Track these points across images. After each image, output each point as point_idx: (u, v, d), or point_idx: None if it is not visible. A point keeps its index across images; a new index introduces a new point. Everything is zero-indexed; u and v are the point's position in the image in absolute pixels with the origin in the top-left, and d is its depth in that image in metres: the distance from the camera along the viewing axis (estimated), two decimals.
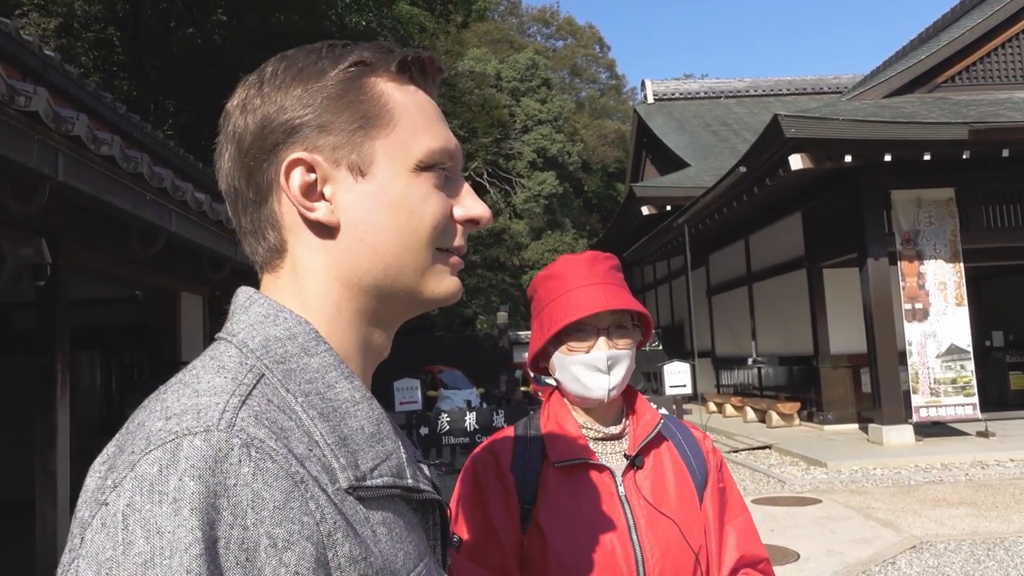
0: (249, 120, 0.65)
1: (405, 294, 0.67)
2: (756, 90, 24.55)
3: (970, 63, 11.67)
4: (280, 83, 0.65)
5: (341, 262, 0.65)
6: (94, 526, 0.50)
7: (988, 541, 5.67)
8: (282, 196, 0.65)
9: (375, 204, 0.64)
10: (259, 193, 0.66)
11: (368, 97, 0.65)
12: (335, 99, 0.64)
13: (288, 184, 0.64)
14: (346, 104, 0.65)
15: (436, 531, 0.68)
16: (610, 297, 1.27)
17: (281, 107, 0.64)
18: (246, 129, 0.65)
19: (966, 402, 9.92)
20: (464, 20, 17.42)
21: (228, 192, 0.68)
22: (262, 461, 0.52)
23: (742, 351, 15.72)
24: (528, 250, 32.25)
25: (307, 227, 0.65)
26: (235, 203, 0.67)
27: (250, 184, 0.66)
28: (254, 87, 0.66)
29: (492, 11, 35.35)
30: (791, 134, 9.31)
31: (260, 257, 0.68)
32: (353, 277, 0.65)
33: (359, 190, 0.64)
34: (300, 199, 0.63)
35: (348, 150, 0.64)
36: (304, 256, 0.65)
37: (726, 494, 1.37)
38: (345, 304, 0.65)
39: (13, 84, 2.80)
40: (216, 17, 14.33)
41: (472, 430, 9.13)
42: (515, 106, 33.51)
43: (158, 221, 4.24)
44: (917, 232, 10.13)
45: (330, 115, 0.64)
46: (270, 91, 0.65)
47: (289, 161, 0.63)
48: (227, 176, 0.67)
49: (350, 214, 0.64)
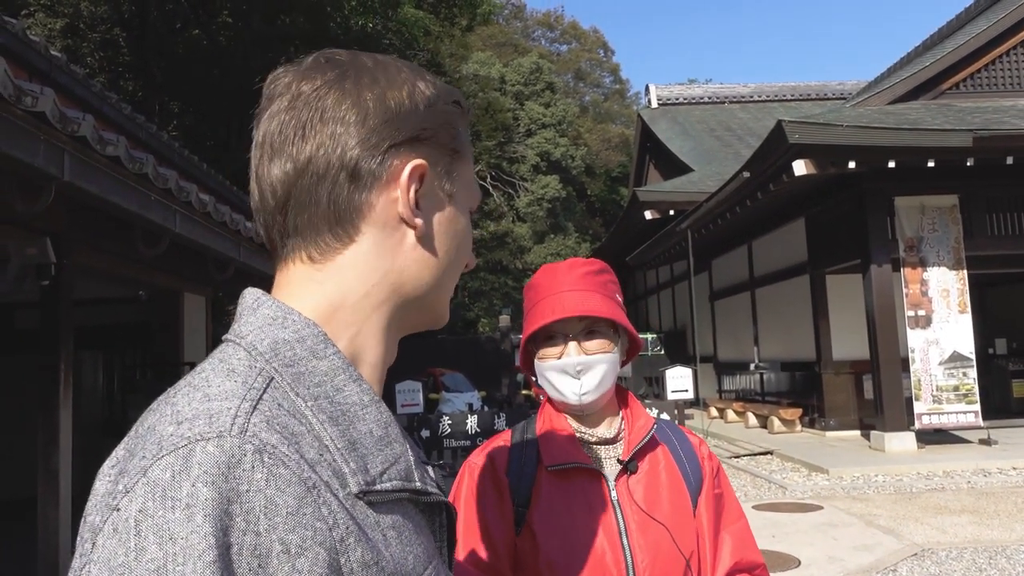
0: (362, 109, 0.65)
1: (428, 310, 0.72)
2: (760, 95, 24.57)
3: (975, 70, 11.67)
4: (390, 84, 0.67)
5: (404, 268, 0.67)
6: (106, 531, 0.50)
7: (990, 549, 5.65)
8: (383, 192, 0.66)
9: (450, 229, 0.70)
10: (358, 181, 0.65)
11: (459, 135, 0.72)
12: (445, 127, 0.70)
13: (408, 185, 0.66)
14: (451, 136, 0.71)
15: (443, 533, 0.69)
16: (577, 303, 1.28)
17: (415, 107, 0.67)
18: (362, 116, 0.65)
19: (968, 410, 9.90)
20: (469, 24, 17.45)
21: (311, 168, 0.65)
22: (275, 467, 0.53)
23: (744, 356, 15.70)
24: (531, 253, 32.27)
25: (392, 228, 0.66)
26: (325, 174, 0.65)
27: (355, 167, 0.64)
28: (357, 77, 0.66)
29: (497, 15, 35.39)
30: (795, 140, 9.31)
31: (313, 244, 0.65)
32: (407, 285, 0.68)
33: (445, 213, 0.70)
34: (412, 203, 0.66)
35: (447, 176, 0.70)
36: (372, 252, 0.66)
37: (722, 500, 1.37)
38: (384, 306, 0.67)
39: (20, 84, 2.81)
40: (222, 19, 14.37)
41: (473, 433, 9.13)
42: (519, 110, 33.56)
43: (163, 222, 4.25)
44: (921, 239, 10.12)
45: (446, 138, 0.70)
46: (385, 90, 0.67)
47: (415, 165, 0.66)
48: (317, 152, 0.64)
49: (432, 230, 0.69)
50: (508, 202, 32.19)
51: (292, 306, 0.64)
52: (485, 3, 16.59)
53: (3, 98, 2.67)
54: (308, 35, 12.75)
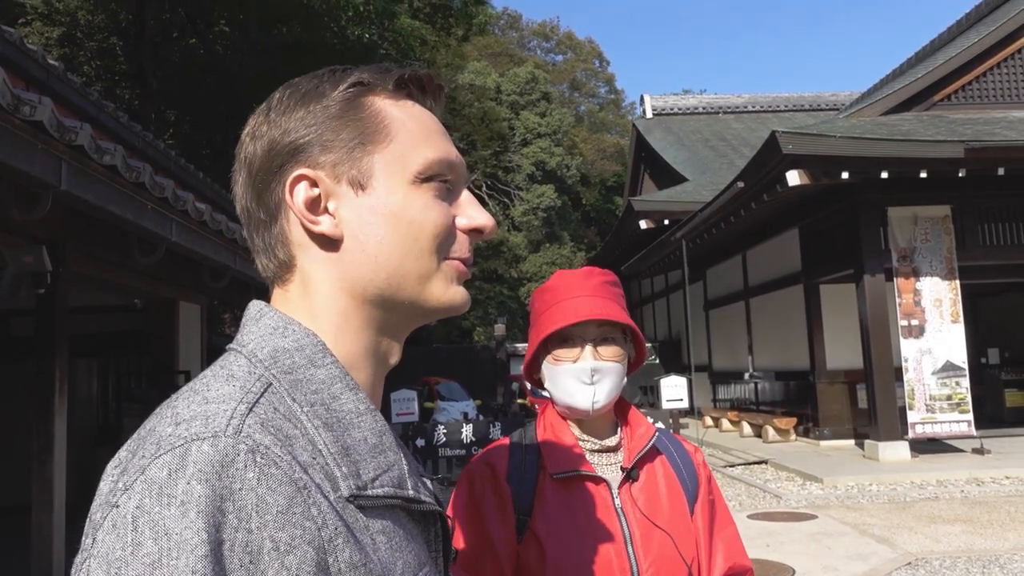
0: (257, 146, 0.69)
1: (409, 303, 0.69)
2: (754, 106, 24.69)
3: (966, 82, 11.76)
4: (285, 108, 0.69)
5: (346, 273, 0.67)
6: (105, 527, 0.52)
7: (983, 558, 5.66)
8: (290, 214, 0.68)
9: (376, 216, 0.66)
10: (269, 213, 0.69)
11: (366, 115, 0.68)
12: (334, 118, 0.67)
13: (293, 199, 0.66)
14: (345, 123, 0.67)
15: (438, 542, 0.70)
16: (596, 308, 1.29)
17: (285, 130, 0.68)
18: (255, 154, 0.69)
19: (961, 419, 9.93)
20: (465, 34, 17.50)
21: (242, 214, 0.71)
22: (267, 467, 0.54)
23: (739, 366, 15.72)
24: (526, 262, 32.26)
25: (313, 241, 0.67)
26: (248, 224, 0.70)
27: (260, 205, 0.69)
28: (262, 115, 0.70)
29: (493, 25, 35.52)
30: (789, 150, 9.37)
31: (271, 273, 0.70)
32: (358, 287, 0.67)
33: (360, 204, 0.67)
34: (305, 213, 0.66)
35: (348, 166, 0.67)
36: (312, 269, 0.68)
37: (715, 507, 1.39)
38: (352, 314, 0.68)
39: (18, 93, 2.82)
40: (219, 28, 14.40)
41: (469, 442, 9.12)
42: (514, 119, 33.61)
43: (159, 230, 4.27)
44: (913, 249, 10.17)
45: (330, 133, 0.67)
46: (276, 116, 0.69)
47: (293, 177, 0.66)
48: (241, 199, 0.71)
49: (352, 227, 0.66)
50: (503, 211, 32.21)
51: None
52: (481, 13, 16.66)
53: (1, 107, 2.69)
54: (305, 44, 12.78)
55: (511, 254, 31.85)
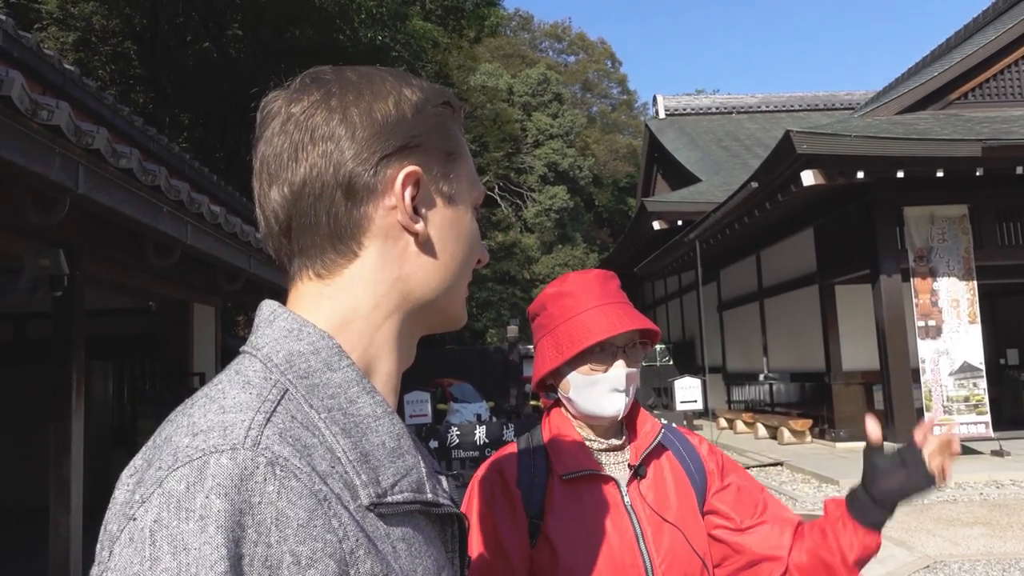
0: (350, 124, 0.66)
1: (442, 312, 0.72)
2: (768, 106, 24.56)
3: (983, 80, 11.65)
4: (376, 96, 0.67)
5: (411, 274, 0.68)
6: (122, 540, 0.51)
7: (1003, 562, 5.60)
8: (380, 203, 0.66)
9: (454, 231, 0.71)
10: (354, 196, 0.66)
11: (453, 135, 0.72)
12: (436, 130, 0.70)
13: (403, 193, 0.66)
14: (444, 137, 0.71)
15: (454, 544, 0.69)
16: (631, 317, 1.29)
17: (402, 117, 0.67)
18: (351, 132, 0.66)
19: (979, 420, 9.83)
20: (477, 36, 17.54)
21: (307, 190, 0.66)
22: (286, 479, 0.53)
23: (753, 367, 15.64)
24: (538, 264, 32.27)
25: (394, 237, 0.67)
26: (315, 203, 0.66)
27: (349, 184, 0.65)
28: (343, 93, 0.67)
29: (504, 27, 35.57)
30: (803, 150, 9.30)
31: (319, 262, 0.67)
32: (416, 291, 0.69)
33: (445, 215, 0.70)
34: (410, 210, 0.67)
35: (442, 178, 0.70)
36: (379, 263, 0.67)
37: (742, 486, 1.40)
38: (395, 314, 0.68)
39: (36, 98, 2.85)
40: (232, 31, 14.49)
41: (482, 444, 9.12)
42: (527, 120, 33.64)
43: (174, 233, 4.29)
44: (930, 249, 10.08)
45: (436, 142, 0.70)
46: (371, 103, 0.67)
47: (408, 172, 0.67)
48: (310, 172, 0.66)
49: (436, 233, 0.69)
50: (516, 213, 32.23)
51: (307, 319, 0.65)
52: (493, 15, 16.68)
53: (20, 112, 2.71)
54: (317, 47, 12.83)
55: (524, 256, 31.86)
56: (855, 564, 1.26)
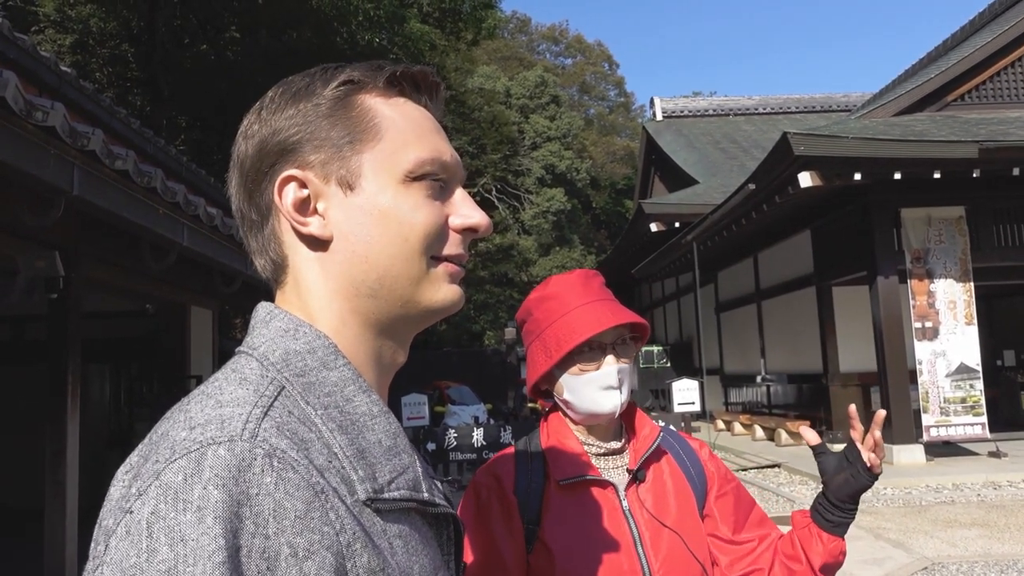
0: (249, 145, 0.68)
1: (402, 304, 0.67)
2: (765, 108, 24.61)
3: (980, 82, 11.68)
4: (276, 107, 0.68)
5: (337, 274, 0.66)
6: (119, 533, 0.51)
7: (1001, 563, 5.60)
8: (278, 216, 0.67)
9: (365, 216, 0.65)
10: (261, 214, 0.68)
11: (356, 113, 0.67)
12: (324, 117, 0.66)
13: (281, 201, 0.66)
14: (334, 121, 0.66)
15: (450, 545, 0.69)
16: (616, 312, 1.28)
17: (275, 129, 0.67)
18: (246, 154, 0.68)
19: (975, 421, 9.84)
20: (474, 38, 17.52)
21: (236, 215, 0.71)
22: (284, 471, 0.53)
23: (751, 369, 15.64)
24: (536, 266, 32.25)
25: (303, 242, 0.67)
26: (243, 224, 0.70)
27: (252, 205, 0.69)
28: (255, 114, 0.69)
29: (502, 29, 35.60)
30: (800, 152, 9.31)
31: (268, 274, 0.70)
32: (351, 289, 0.66)
33: (349, 203, 0.66)
34: (293, 214, 0.65)
35: (337, 165, 0.66)
36: (304, 270, 0.67)
37: (740, 498, 1.41)
38: (348, 316, 0.67)
39: (31, 99, 2.84)
40: (229, 34, 14.47)
41: (479, 446, 9.11)
42: (524, 123, 33.64)
43: (171, 235, 4.28)
44: (927, 250, 10.09)
45: (320, 132, 0.66)
46: (267, 115, 0.68)
47: (282, 178, 0.66)
48: (235, 200, 0.70)
49: (342, 227, 0.65)
50: (513, 215, 32.21)
51: None
52: (490, 17, 16.66)
53: (15, 113, 2.70)
54: (315, 50, 12.82)
55: (521, 258, 31.85)
56: (821, 571, 1.29)
